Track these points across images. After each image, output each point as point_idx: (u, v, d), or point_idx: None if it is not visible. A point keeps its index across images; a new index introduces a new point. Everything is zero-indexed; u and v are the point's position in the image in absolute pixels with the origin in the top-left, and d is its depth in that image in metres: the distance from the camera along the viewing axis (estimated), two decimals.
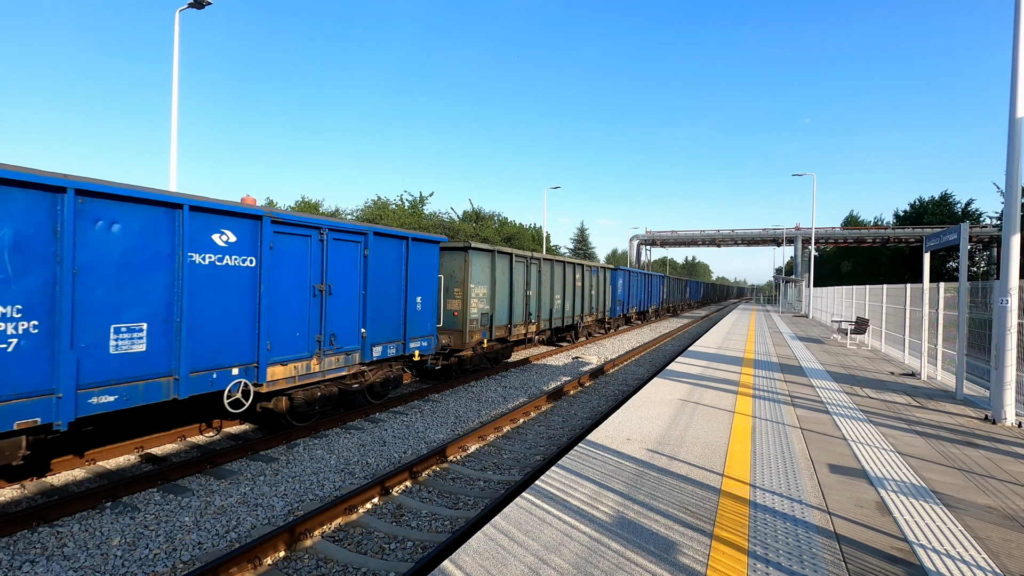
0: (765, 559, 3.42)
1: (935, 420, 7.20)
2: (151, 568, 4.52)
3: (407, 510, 5.80)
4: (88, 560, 4.59)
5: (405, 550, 4.96)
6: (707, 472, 4.97)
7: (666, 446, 5.74)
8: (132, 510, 5.50)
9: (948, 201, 56.24)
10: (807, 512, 4.14)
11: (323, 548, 4.89)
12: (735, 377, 10.18)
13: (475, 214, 44.23)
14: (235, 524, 5.30)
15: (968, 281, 8.26)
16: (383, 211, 36.93)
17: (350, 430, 8.47)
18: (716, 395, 8.45)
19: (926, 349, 10.61)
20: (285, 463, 6.94)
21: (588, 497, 4.33)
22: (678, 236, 70.59)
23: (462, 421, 9.31)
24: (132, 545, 4.84)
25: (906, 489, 4.66)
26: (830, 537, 3.74)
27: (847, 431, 6.50)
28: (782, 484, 4.71)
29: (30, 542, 4.83)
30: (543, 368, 15.07)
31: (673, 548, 3.53)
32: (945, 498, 4.49)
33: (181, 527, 5.19)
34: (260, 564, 4.57)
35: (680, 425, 6.60)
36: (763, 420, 6.94)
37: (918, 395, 8.90)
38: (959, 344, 8.29)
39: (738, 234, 67.02)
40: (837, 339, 18.05)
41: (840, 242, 63.95)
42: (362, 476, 6.67)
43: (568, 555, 3.42)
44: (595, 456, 5.37)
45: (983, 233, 51.23)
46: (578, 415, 10.04)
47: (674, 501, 4.28)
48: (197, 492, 5.98)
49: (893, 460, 5.44)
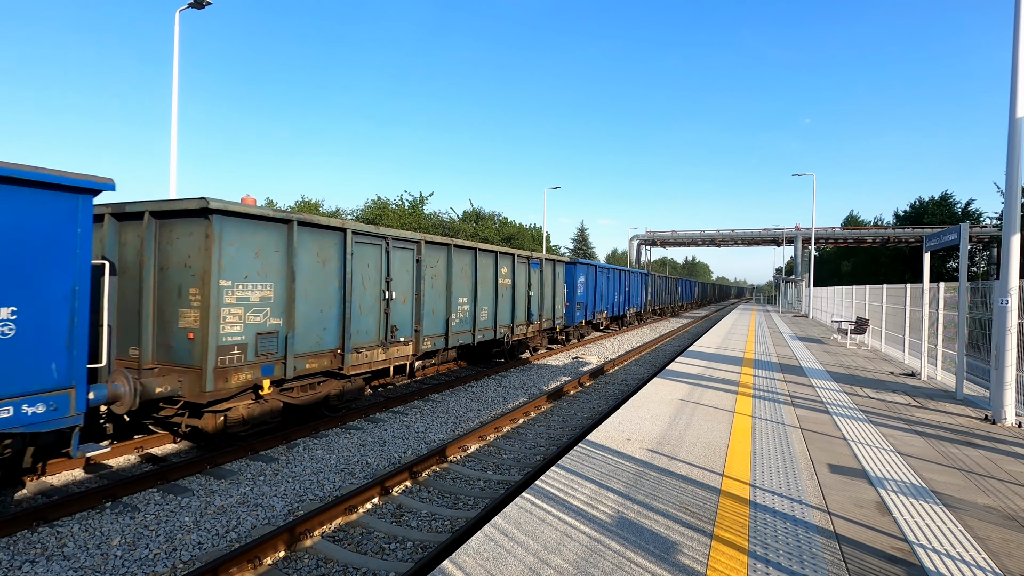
0: (765, 559, 3.42)
1: (935, 420, 7.20)
2: (151, 568, 4.51)
3: (407, 510, 5.79)
4: (88, 560, 4.58)
5: (405, 550, 4.96)
6: (707, 472, 4.97)
7: (666, 446, 5.74)
8: (132, 510, 5.50)
9: (948, 201, 56.25)
10: (807, 512, 4.14)
11: (323, 548, 4.89)
12: (735, 377, 10.18)
13: (475, 214, 44.24)
14: (235, 524, 5.30)
15: (968, 281, 8.26)
16: (383, 211, 36.94)
17: (350, 430, 8.47)
18: (716, 395, 8.45)
19: (926, 349, 10.61)
20: (285, 463, 6.94)
21: (588, 497, 4.33)
22: (678, 236, 70.61)
23: (462, 421, 9.31)
24: (132, 545, 4.84)
25: (906, 489, 4.66)
26: (830, 537, 3.74)
27: (847, 431, 6.50)
28: (782, 484, 4.71)
29: (30, 542, 4.83)
30: (543, 368, 15.07)
31: (673, 548, 3.53)
32: (945, 498, 4.49)
33: (181, 527, 5.19)
34: (260, 564, 4.56)
35: (680, 425, 6.60)
36: (763, 420, 6.94)
37: (918, 395, 8.90)
38: (959, 344, 8.29)
39: (738, 234, 67.05)
40: (837, 339, 18.05)
41: (840, 242, 63.97)
42: (362, 476, 6.67)
43: (568, 555, 3.42)
44: (595, 456, 5.37)
45: (983, 233, 51.24)
46: (578, 415, 10.04)
47: (674, 501, 4.28)
48: (197, 492, 5.98)
49: (893, 460, 5.44)
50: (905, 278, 47.96)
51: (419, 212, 38.51)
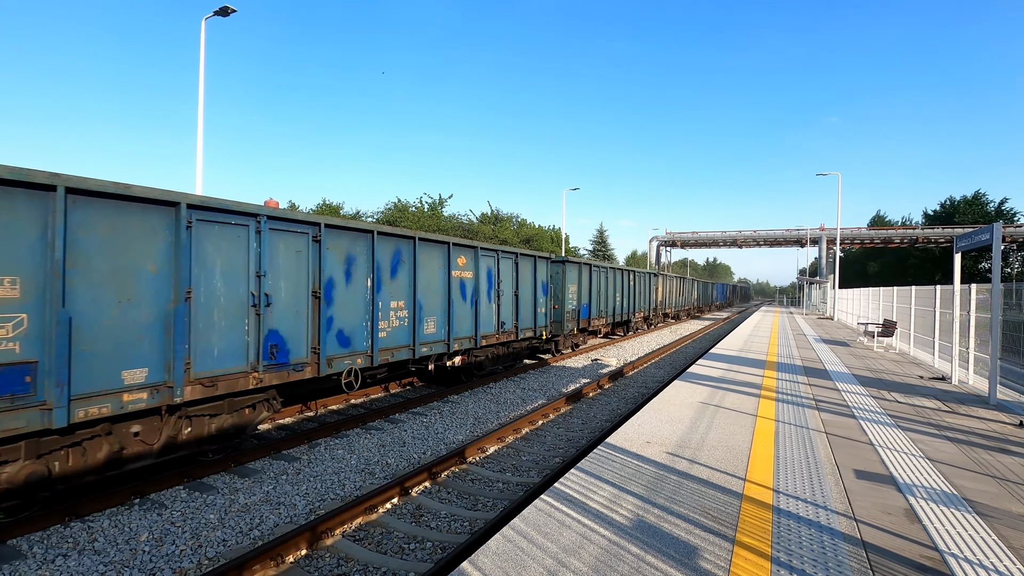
0: (789, 566, 3.35)
1: (967, 425, 6.98)
2: (177, 564, 4.61)
3: (426, 510, 5.83)
4: (117, 555, 4.70)
5: (424, 550, 4.99)
6: (729, 476, 4.89)
7: (687, 449, 5.67)
8: (159, 507, 5.63)
9: (980, 200, 54.63)
10: (832, 518, 4.05)
11: (344, 547, 4.94)
12: (758, 380, 10.02)
13: (493, 216, 44.28)
14: (258, 522, 5.39)
15: (1001, 282, 8.01)
16: (403, 213, 37.24)
17: (370, 430, 8.55)
18: (738, 398, 8.33)
19: (957, 352, 10.30)
20: (307, 462, 7.03)
21: (607, 500, 4.30)
22: (699, 237, 69.79)
23: (481, 422, 9.33)
24: (159, 541, 4.95)
25: (936, 496, 4.53)
26: (857, 544, 3.65)
27: (874, 436, 6.35)
28: (806, 489, 4.61)
29: (63, 536, 4.98)
30: (562, 370, 15.02)
31: (694, 553, 3.48)
32: (978, 506, 4.35)
33: (206, 524, 5.30)
34: (282, 562, 4.63)
35: (701, 428, 6.52)
36: (787, 424, 6.81)
37: (949, 399, 8.64)
38: (992, 347, 8.03)
39: (760, 235, 65.99)
40: (863, 342, 17.64)
41: (866, 243, 62.59)
42: (382, 476, 6.73)
43: (587, 558, 3.40)
44: (614, 459, 5.33)
45: (1017, 233, 49.61)
46: (597, 417, 9.98)
47: (695, 505, 4.22)
48: (222, 490, 6.10)
49: (923, 466, 5.29)
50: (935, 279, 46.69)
51: (438, 214, 38.72)
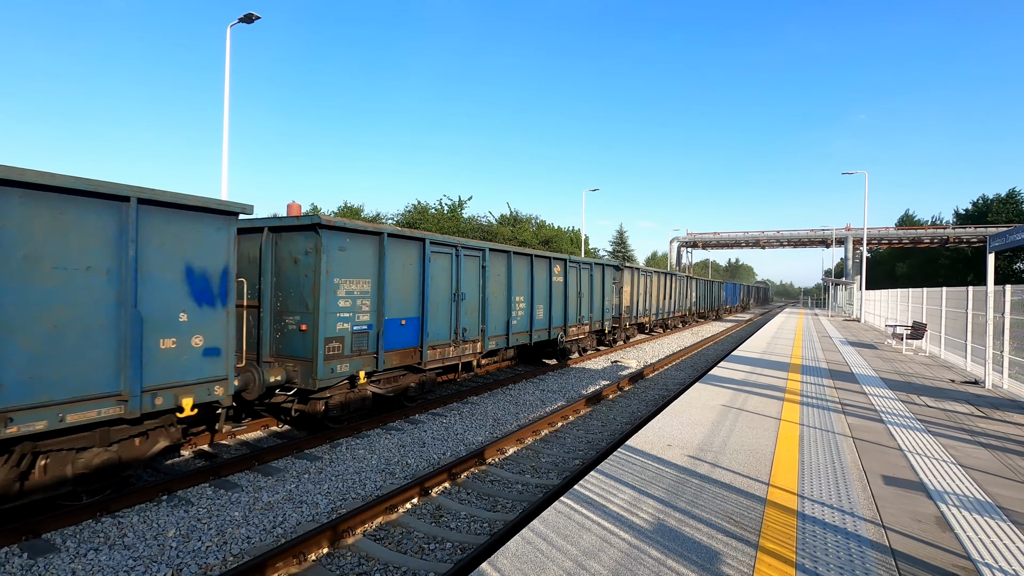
0: (815, 573, 3.29)
1: (1001, 431, 6.76)
2: (203, 560, 4.71)
3: (446, 511, 5.85)
4: (146, 550, 4.82)
5: (444, 551, 5.01)
6: (752, 481, 4.82)
7: (708, 453, 5.60)
8: (186, 504, 5.75)
9: (1015, 198, 52.88)
10: (859, 525, 3.96)
11: (365, 546, 4.99)
12: (781, 383, 9.84)
13: (512, 217, 44.30)
14: (281, 520, 5.48)
15: None
16: (423, 215, 37.50)
17: (390, 431, 8.62)
18: (761, 401, 8.19)
19: (991, 356, 9.98)
20: (328, 462, 7.12)
21: (627, 503, 4.27)
22: (720, 238, 68.92)
23: (500, 424, 9.34)
24: (186, 537, 5.07)
25: (969, 504, 4.39)
26: (885, 552, 3.56)
27: (903, 441, 6.19)
28: (832, 495, 4.52)
29: (94, 531, 5.12)
30: (581, 372, 14.96)
31: (716, 558, 3.43)
32: (1013, 515, 4.21)
33: (231, 521, 5.40)
34: (305, 560, 4.70)
35: (723, 431, 6.43)
36: (812, 428, 6.68)
37: (982, 404, 8.38)
38: None
39: (784, 235, 64.88)
40: (892, 344, 17.21)
41: (894, 243, 61.09)
42: (402, 476, 6.78)
43: (607, 561, 3.38)
44: (635, 462, 5.29)
45: None
46: (617, 420, 9.91)
47: (717, 510, 4.17)
48: (246, 488, 6.21)
49: (954, 472, 5.14)
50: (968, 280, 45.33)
51: (458, 216, 38.89)
